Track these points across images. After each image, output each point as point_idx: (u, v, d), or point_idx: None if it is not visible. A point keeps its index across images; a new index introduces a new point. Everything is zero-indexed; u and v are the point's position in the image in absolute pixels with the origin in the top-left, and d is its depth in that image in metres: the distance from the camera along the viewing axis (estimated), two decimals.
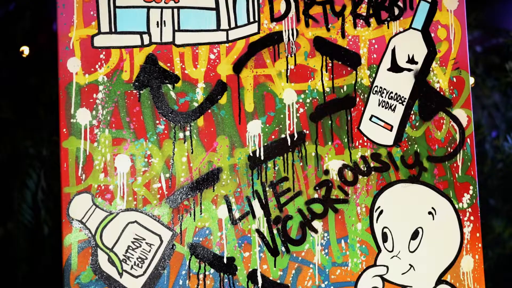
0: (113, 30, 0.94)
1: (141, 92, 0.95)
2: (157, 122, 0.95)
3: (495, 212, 1.62)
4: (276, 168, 0.98)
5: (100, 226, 0.92)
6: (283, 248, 0.97)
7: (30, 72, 1.61)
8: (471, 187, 1.03)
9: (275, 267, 0.97)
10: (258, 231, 0.97)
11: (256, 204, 0.97)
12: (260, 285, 0.96)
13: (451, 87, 1.03)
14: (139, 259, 0.93)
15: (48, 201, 1.51)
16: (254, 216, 0.97)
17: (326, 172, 0.99)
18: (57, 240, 1.45)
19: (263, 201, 0.97)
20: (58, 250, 1.42)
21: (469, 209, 1.03)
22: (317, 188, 0.99)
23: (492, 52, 1.87)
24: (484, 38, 1.90)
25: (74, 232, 0.92)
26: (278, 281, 0.97)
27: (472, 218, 1.03)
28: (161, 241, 0.94)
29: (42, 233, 1.49)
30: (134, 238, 0.93)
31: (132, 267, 0.93)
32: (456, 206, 1.03)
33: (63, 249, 0.91)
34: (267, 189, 0.97)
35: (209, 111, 0.96)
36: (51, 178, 1.53)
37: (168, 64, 0.96)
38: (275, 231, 0.97)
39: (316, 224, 0.98)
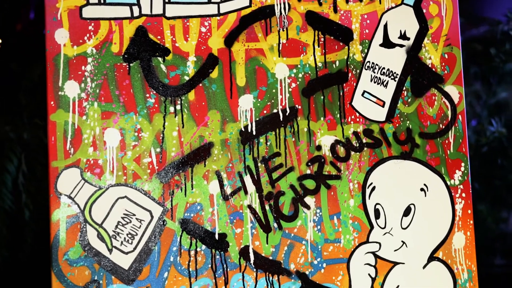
0: (102, 1, 0.92)
1: (131, 65, 0.93)
2: (147, 95, 0.93)
3: (479, 196, 1.63)
4: (268, 143, 0.96)
5: (89, 201, 0.90)
6: (275, 225, 0.96)
7: (10, 57, 1.59)
8: (462, 164, 1.03)
9: (267, 243, 0.95)
10: (250, 207, 0.95)
11: (248, 179, 0.95)
12: (252, 261, 0.95)
13: (443, 64, 1.03)
14: (129, 235, 0.91)
15: (29, 185, 1.48)
16: (246, 192, 0.95)
17: (319, 147, 0.98)
18: (38, 224, 1.43)
19: (255, 176, 0.96)
20: (39, 234, 1.40)
21: (461, 186, 1.03)
22: (309, 164, 0.98)
23: (474, 40, 1.88)
24: (465, 27, 1.91)
25: (63, 207, 0.89)
26: (271, 258, 0.95)
27: (463, 195, 1.03)
28: (152, 216, 0.92)
29: (23, 217, 1.46)
30: (124, 214, 0.91)
31: (122, 243, 0.90)
32: (448, 182, 1.02)
33: (51, 225, 0.89)
34: (259, 164, 0.96)
35: (200, 85, 0.95)
36: (32, 162, 1.50)
37: (159, 37, 0.94)
38: (267, 207, 0.96)
39: (309, 200, 0.97)
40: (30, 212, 1.46)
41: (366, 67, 1.00)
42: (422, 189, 1.01)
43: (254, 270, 0.95)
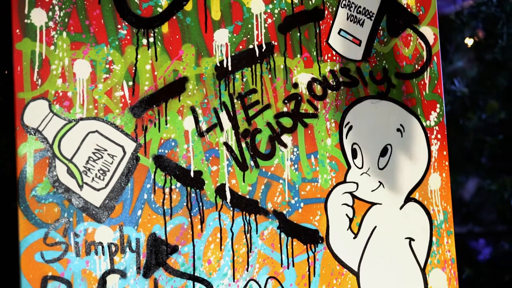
0: None
1: None
2: (119, 26, 0.89)
3: None
4: (244, 79, 0.93)
5: (58, 135, 0.85)
6: (252, 163, 0.93)
7: None
8: (438, 105, 1.02)
9: (243, 182, 0.93)
10: (226, 144, 0.92)
11: (223, 116, 0.92)
12: (228, 200, 0.92)
13: (418, 4, 1.02)
14: (101, 171, 0.86)
15: None
16: (221, 129, 0.92)
17: (295, 85, 0.96)
18: None
19: (231, 113, 0.93)
20: None
21: (436, 127, 1.02)
22: (286, 101, 0.95)
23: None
24: None
25: (30, 141, 0.84)
26: (247, 197, 0.92)
27: (439, 136, 1.02)
28: (124, 152, 0.88)
29: None
30: (95, 149, 0.86)
31: (93, 179, 0.86)
32: (424, 124, 1.01)
33: (17, 159, 0.84)
34: (235, 101, 0.93)
35: (174, 17, 0.91)
36: None
37: None
38: (243, 145, 0.93)
39: (285, 138, 0.95)
40: None
41: (342, 5, 0.99)
42: (398, 130, 1.00)
43: (231, 209, 0.92)
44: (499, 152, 1.67)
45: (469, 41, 1.67)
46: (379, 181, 0.98)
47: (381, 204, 0.98)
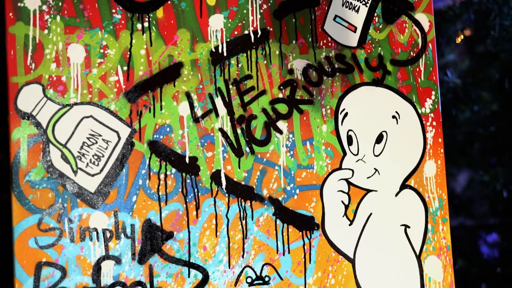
0: None
1: None
2: (113, 11, 0.88)
3: None
4: (240, 65, 0.93)
5: (52, 120, 0.84)
6: (247, 149, 0.93)
7: None
8: (433, 92, 1.02)
9: (239, 168, 0.92)
10: (221, 130, 0.91)
11: (219, 101, 0.92)
12: (224, 186, 0.91)
13: None
14: (95, 157, 0.86)
15: None
16: (217, 115, 0.91)
17: (291, 71, 0.95)
18: None
19: (226, 99, 0.92)
20: None
21: (431, 114, 1.02)
22: (281, 87, 0.95)
23: None
24: None
25: (23, 126, 0.83)
26: (243, 183, 0.92)
27: (434, 123, 1.02)
28: (119, 137, 0.87)
29: None
30: (89, 134, 0.86)
31: (87, 164, 0.85)
32: (419, 111, 1.01)
33: (11, 144, 0.83)
34: (230, 86, 0.92)
35: (169, 2, 0.90)
36: None
37: None
38: (239, 131, 0.92)
39: (281, 124, 0.94)
40: None
41: None
42: (394, 117, 1.00)
43: (226, 195, 0.91)
44: (491, 144, 1.67)
45: (459, 38, 1.67)
46: (374, 168, 0.98)
47: (376, 191, 0.98)
